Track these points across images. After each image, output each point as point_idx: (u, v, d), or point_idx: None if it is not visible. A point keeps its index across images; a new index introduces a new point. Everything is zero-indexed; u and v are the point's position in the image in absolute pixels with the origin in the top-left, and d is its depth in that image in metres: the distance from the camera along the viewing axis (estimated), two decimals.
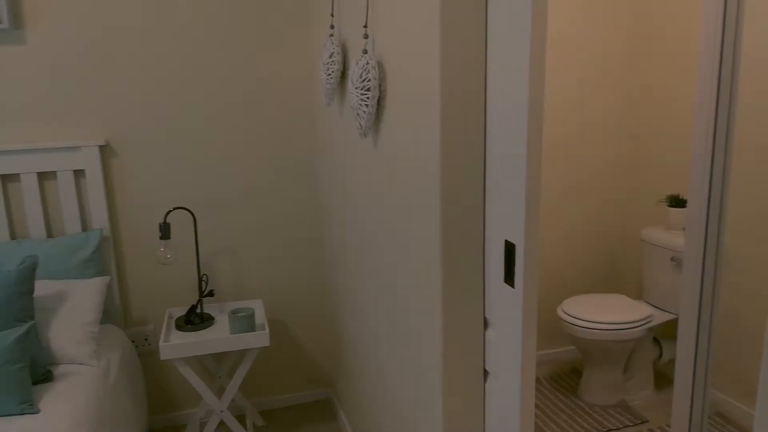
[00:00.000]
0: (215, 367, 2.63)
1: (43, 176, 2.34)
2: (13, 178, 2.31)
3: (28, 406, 1.75)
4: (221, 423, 2.63)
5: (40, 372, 1.92)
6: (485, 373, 1.47)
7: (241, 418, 2.75)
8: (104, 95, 2.38)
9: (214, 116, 2.52)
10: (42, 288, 2.16)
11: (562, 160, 3.07)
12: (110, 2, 2.32)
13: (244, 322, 2.29)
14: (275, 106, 2.59)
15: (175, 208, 2.37)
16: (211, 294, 2.44)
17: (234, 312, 2.36)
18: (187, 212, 2.53)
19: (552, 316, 3.24)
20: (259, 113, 2.58)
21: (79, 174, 2.38)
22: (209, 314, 2.47)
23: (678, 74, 2.88)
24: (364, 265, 2.05)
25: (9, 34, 2.23)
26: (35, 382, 1.91)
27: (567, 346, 3.31)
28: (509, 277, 1.27)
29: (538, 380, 3.08)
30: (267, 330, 2.31)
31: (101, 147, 2.39)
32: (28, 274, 1.99)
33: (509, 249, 1.26)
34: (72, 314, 2.11)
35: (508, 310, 1.30)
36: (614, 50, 3.01)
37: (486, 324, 1.44)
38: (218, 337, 2.25)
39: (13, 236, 2.35)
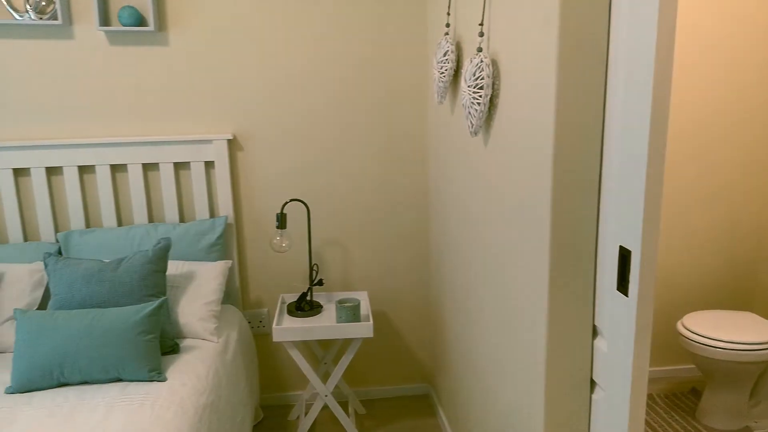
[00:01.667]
0: (321, 352, 2.75)
1: (178, 166, 2.57)
2: (152, 167, 2.56)
3: (156, 374, 1.94)
4: (325, 406, 2.74)
5: (168, 344, 2.12)
6: (592, 383, 1.42)
7: (343, 405, 2.84)
8: (233, 93, 2.56)
9: (330, 113, 2.63)
10: (173, 268, 2.37)
11: (689, 161, 2.86)
12: (242, 9, 2.48)
13: (350, 312, 2.37)
14: (388, 105, 2.65)
15: (291, 200, 2.50)
16: (320, 283, 2.55)
17: (341, 302, 2.45)
18: (302, 204, 2.65)
19: (670, 331, 3.03)
20: (373, 111, 2.65)
21: (209, 165, 2.58)
22: (318, 302, 2.58)
23: None
24: (470, 263, 2.05)
25: (154, 35, 2.47)
26: (163, 353, 2.10)
27: (686, 364, 3.08)
28: (623, 285, 1.21)
29: (651, 397, 2.90)
30: (371, 321, 2.37)
31: (229, 141, 2.58)
32: (162, 255, 2.20)
33: (624, 255, 1.20)
34: (197, 293, 2.30)
35: (620, 319, 1.24)
36: (753, 47, 2.75)
37: (595, 332, 1.39)
38: (325, 325, 2.35)
39: (150, 219, 2.60)
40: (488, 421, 1.92)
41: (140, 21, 2.41)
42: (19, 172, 2.48)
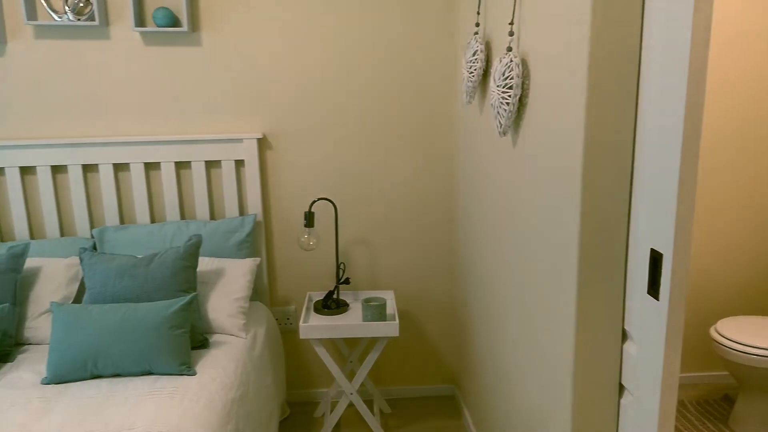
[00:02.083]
0: (347, 351, 2.77)
1: (209, 164, 2.61)
2: (185, 165, 2.61)
3: (186, 368, 1.97)
4: (350, 405, 2.76)
5: (198, 339, 2.16)
6: (621, 387, 1.40)
7: (368, 403, 2.85)
8: (264, 92, 2.59)
9: (359, 113, 2.64)
10: (203, 264, 2.41)
11: (723, 163, 2.79)
12: (273, 11, 2.51)
13: (376, 311, 2.38)
14: (417, 105, 2.65)
15: (319, 199, 2.52)
16: (347, 281, 2.56)
17: (367, 300, 2.46)
18: (330, 203, 2.67)
19: (702, 336, 2.96)
20: (401, 111, 2.65)
21: (239, 163, 2.62)
22: (344, 300, 2.60)
23: None
24: (497, 264, 2.03)
25: (188, 36, 2.52)
26: (193, 348, 2.14)
27: (719, 371, 3.01)
28: (654, 289, 1.19)
29: (682, 403, 2.84)
30: (397, 321, 2.38)
31: (259, 140, 2.61)
32: (193, 251, 2.24)
33: (655, 258, 1.18)
34: (227, 290, 2.34)
35: (650, 323, 1.22)
36: None
37: (624, 336, 1.37)
38: (351, 323, 2.36)
39: (182, 216, 2.65)
40: (513, 424, 1.91)
41: (174, 22, 2.45)
42: (57, 169, 2.56)
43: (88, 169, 2.57)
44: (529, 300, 1.69)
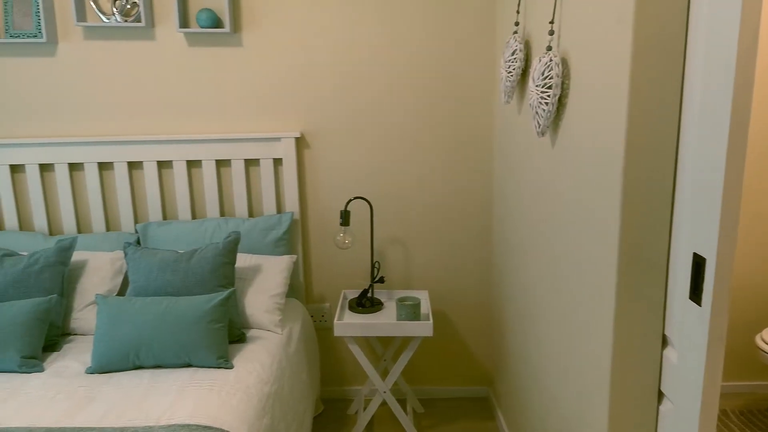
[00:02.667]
0: (381, 349, 2.78)
1: (248, 162, 2.66)
2: (225, 163, 2.66)
3: (224, 362, 2.02)
4: (383, 403, 2.77)
5: (236, 333, 2.20)
6: (660, 394, 1.37)
7: (402, 402, 2.86)
8: (302, 92, 2.62)
9: (397, 113, 2.65)
10: (241, 260, 2.46)
11: (767, 163, 2.69)
12: (312, 12, 2.54)
13: (410, 310, 2.38)
14: (455, 104, 2.64)
15: (355, 198, 2.54)
16: (381, 280, 2.57)
17: (401, 300, 2.46)
18: (366, 202, 2.69)
19: (747, 344, 2.87)
20: (438, 111, 2.64)
21: (277, 162, 2.66)
22: (379, 299, 2.61)
23: None
24: (534, 266, 2.01)
25: (230, 37, 2.57)
26: (230, 342, 2.19)
27: (764, 380, 2.90)
28: (696, 294, 1.17)
29: (724, 413, 2.75)
30: (431, 321, 2.38)
31: (297, 139, 2.65)
32: (232, 247, 2.28)
33: (698, 263, 1.15)
34: (264, 286, 2.38)
35: (692, 329, 1.19)
36: None
37: (665, 342, 1.34)
38: (385, 322, 2.37)
39: (222, 213, 2.70)
40: (548, 428, 1.89)
41: (217, 23, 2.51)
42: (104, 166, 2.64)
43: (133, 166, 2.65)
44: (567, 302, 1.67)
